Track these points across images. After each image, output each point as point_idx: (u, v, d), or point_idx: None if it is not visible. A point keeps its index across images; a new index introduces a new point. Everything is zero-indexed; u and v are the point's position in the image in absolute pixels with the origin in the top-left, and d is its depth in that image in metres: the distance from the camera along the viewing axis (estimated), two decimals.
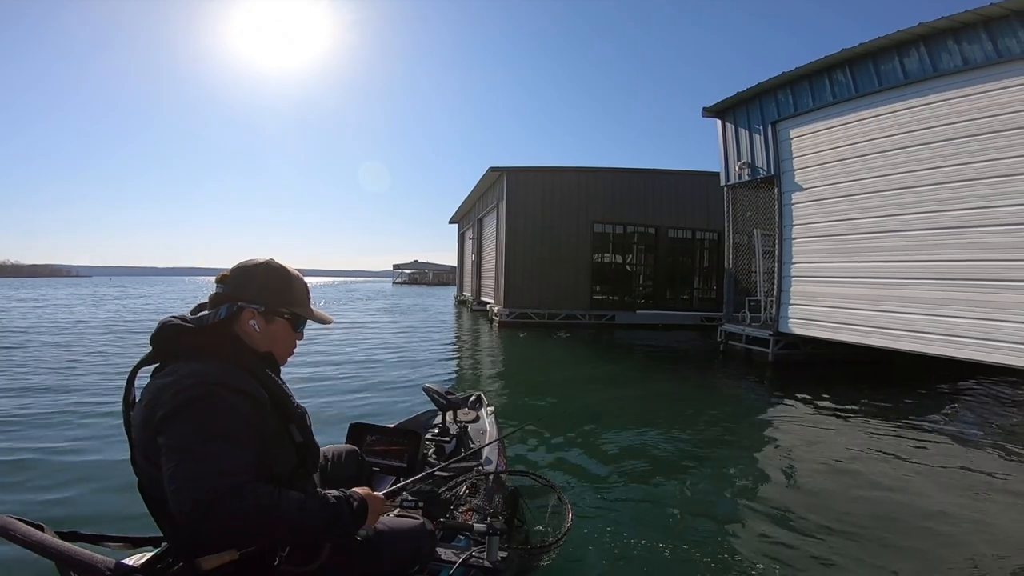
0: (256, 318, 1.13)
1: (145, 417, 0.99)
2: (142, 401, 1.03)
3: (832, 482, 3.50)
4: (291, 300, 1.19)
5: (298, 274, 1.23)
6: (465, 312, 19.33)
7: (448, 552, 1.45)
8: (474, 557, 1.41)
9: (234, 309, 1.11)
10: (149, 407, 0.99)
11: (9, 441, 3.73)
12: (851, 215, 7.41)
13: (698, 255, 17.10)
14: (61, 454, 3.49)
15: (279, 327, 1.17)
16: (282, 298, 1.17)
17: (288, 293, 1.18)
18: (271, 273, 1.18)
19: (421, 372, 6.97)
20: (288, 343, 1.21)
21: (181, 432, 0.93)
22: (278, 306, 1.16)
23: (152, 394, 1.01)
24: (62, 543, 0.92)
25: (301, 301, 1.21)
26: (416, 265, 76.80)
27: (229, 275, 1.17)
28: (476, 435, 2.39)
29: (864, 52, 7.10)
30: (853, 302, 7.39)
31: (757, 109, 8.98)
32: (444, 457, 2.10)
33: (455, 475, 1.88)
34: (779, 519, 2.85)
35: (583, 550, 2.35)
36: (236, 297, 1.13)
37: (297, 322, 1.21)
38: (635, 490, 3.23)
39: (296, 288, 1.20)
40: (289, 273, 1.20)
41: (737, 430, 4.87)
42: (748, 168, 9.32)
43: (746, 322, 9.75)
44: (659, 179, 15.67)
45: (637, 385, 7.13)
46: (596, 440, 4.30)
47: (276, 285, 1.17)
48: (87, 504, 2.77)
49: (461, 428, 2.30)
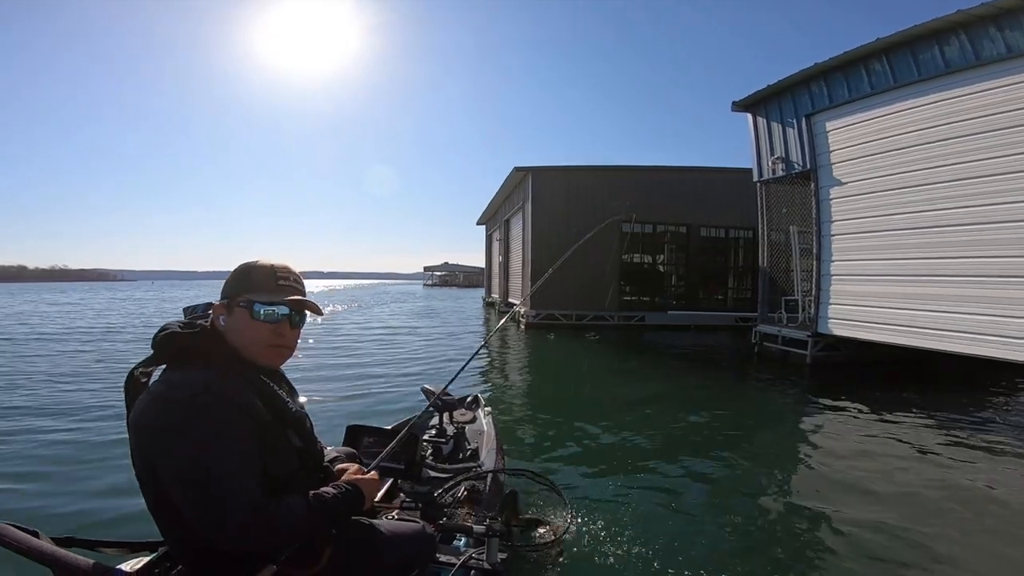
0: (222, 312, 1.11)
1: (139, 423, 0.99)
2: (140, 404, 1.02)
3: (877, 494, 3.24)
4: (246, 286, 1.11)
5: (267, 263, 1.15)
6: (493, 314, 19.42)
7: (448, 554, 1.44)
8: (474, 559, 1.40)
9: (208, 306, 1.14)
10: (144, 415, 0.98)
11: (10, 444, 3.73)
12: (894, 210, 7.03)
13: (732, 254, 16.60)
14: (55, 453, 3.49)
15: (239, 318, 1.09)
16: (240, 285, 1.12)
17: (244, 280, 1.12)
18: (241, 266, 1.16)
19: (437, 374, 7.04)
20: (253, 335, 1.09)
21: (182, 457, 0.92)
22: (236, 295, 1.11)
23: (148, 402, 1.00)
24: (57, 549, 0.91)
25: (259, 287, 1.11)
26: (447, 267, 77.74)
27: None
28: (473, 436, 2.37)
29: (901, 41, 6.74)
30: (897, 301, 7.00)
31: (790, 102, 8.64)
32: (441, 458, 2.08)
33: (454, 476, 1.87)
34: (818, 538, 2.64)
35: (589, 552, 2.27)
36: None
37: (255, 311, 1.10)
38: (652, 495, 3.09)
39: (255, 274, 1.13)
40: (253, 262, 1.15)
41: (772, 435, 4.71)
42: (782, 163, 8.98)
43: (782, 323, 9.39)
44: (689, 176, 15.29)
45: (666, 387, 7.00)
46: (615, 441, 4.23)
47: (235, 275, 1.15)
48: (80, 508, 2.69)
49: (458, 429, 2.28)
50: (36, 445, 3.72)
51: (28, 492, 2.92)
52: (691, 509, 2.91)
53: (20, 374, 6.53)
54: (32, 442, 3.77)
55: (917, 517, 2.86)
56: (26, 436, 3.90)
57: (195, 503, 0.91)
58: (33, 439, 3.86)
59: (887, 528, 2.70)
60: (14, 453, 3.52)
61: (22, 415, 4.53)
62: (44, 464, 3.34)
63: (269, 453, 1.02)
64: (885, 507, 3.01)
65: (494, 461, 2.14)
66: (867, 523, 2.76)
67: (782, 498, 3.19)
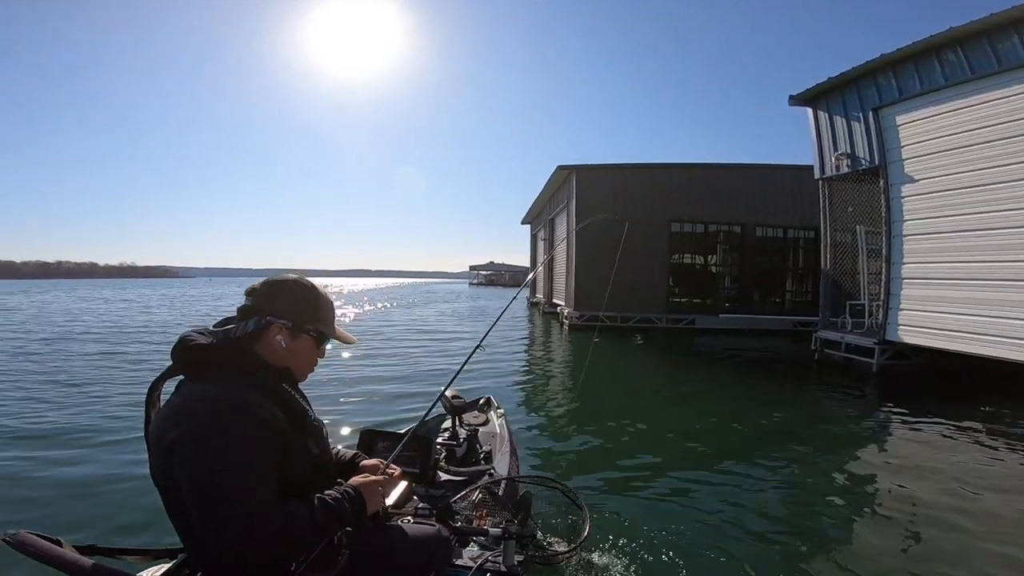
0: (283, 334, 1.13)
1: (157, 435, 1.00)
2: (159, 416, 1.04)
3: (951, 522, 2.91)
4: (318, 318, 1.19)
5: (326, 293, 1.23)
6: (537, 315, 19.43)
7: (463, 557, 1.43)
8: (489, 562, 1.39)
9: (262, 323, 1.11)
10: (162, 427, 1.00)
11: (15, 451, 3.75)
12: (973, 208, 6.44)
13: (791, 255, 15.73)
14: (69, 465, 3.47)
15: (304, 344, 1.17)
16: (310, 315, 1.18)
17: (316, 311, 1.19)
18: (300, 290, 1.19)
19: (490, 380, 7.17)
20: (310, 360, 1.21)
21: (197, 469, 0.93)
22: (305, 323, 1.16)
23: (166, 414, 1.02)
24: (80, 557, 0.93)
25: (327, 319, 1.22)
26: (492, 267, 78.45)
27: (258, 288, 1.17)
28: (486, 438, 2.35)
29: (977, 31, 6.21)
30: (981, 308, 6.40)
31: (854, 95, 8.11)
32: (455, 462, 2.07)
33: (469, 480, 1.88)
34: (883, 567, 2.43)
35: (606, 561, 2.22)
36: (265, 311, 1.13)
37: (321, 340, 1.21)
38: (685, 511, 2.95)
39: (323, 307, 1.21)
40: (318, 291, 1.21)
41: (832, 449, 4.39)
42: (847, 159, 8.45)
43: (846, 328, 8.83)
44: (743, 174, 14.65)
45: (715, 393, 6.77)
46: (653, 450, 4.13)
47: (305, 302, 1.18)
48: (103, 517, 2.73)
49: (471, 432, 2.27)
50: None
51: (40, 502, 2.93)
52: (727, 527, 2.76)
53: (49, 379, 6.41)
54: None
55: (998, 552, 2.60)
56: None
57: (199, 518, 0.92)
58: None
59: (963, 561, 2.49)
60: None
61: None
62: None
63: (287, 461, 1.04)
64: (963, 538, 2.73)
65: (508, 463, 2.12)
66: (941, 557, 2.52)
67: (842, 525, 2.91)
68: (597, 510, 2.69)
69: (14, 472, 3.34)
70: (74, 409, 4.96)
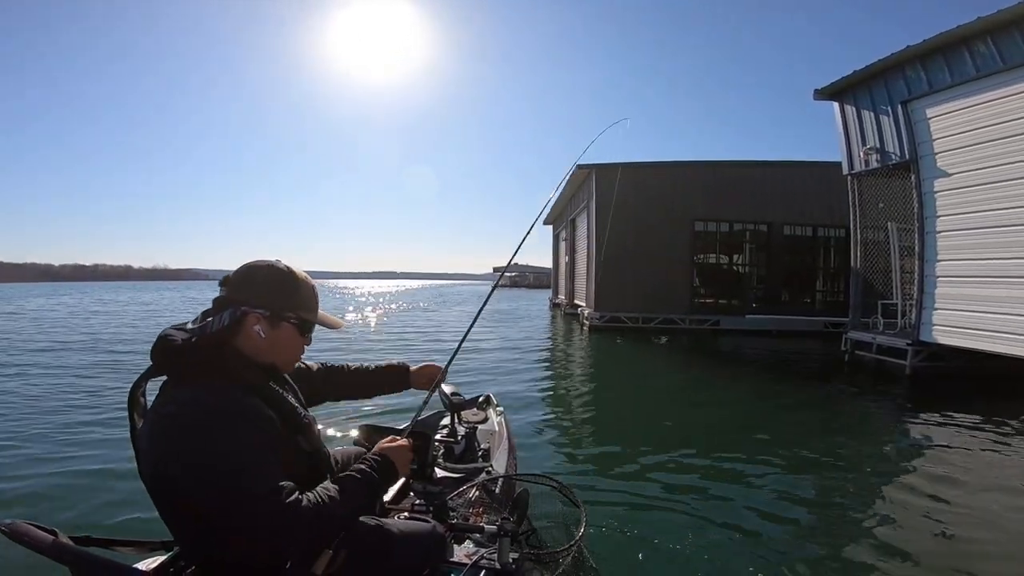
0: (261, 323, 1.07)
1: (155, 444, 0.96)
2: (147, 424, 1.00)
3: (992, 539, 2.71)
4: (298, 303, 1.12)
5: (305, 276, 1.17)
6: (559, 316, 19.36)
7: (459, 554, 1.42)
8: (484, 559, 1.38)
9: (237, 314, 1.04)
10: (160, 438, 0.95)
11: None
12: (1011, 203, 6.12)
13: (821, 254, 15.24)
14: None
15: (285, 333, 1.11)
16: (289, 301, 1.11)
17: (295, 296, 1.12)
18: (276, 275, 1.11)
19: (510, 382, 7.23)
20: (294, 349, 1.15)
21: (214, 482, 0.89)
22: (284, 310, 1.09)
23: (156, 423, 0.97)
24: (76, 547, 0.92)
25: (308, 305, 1.15)
26: (516, 268, 78.44)
27: (231, 277, 1.10)
28: (485, 436, 2.34)
29: (1008, 20, 5.92)
30: (1017, 307, 6.07)
31: (882, 88, 7.82)
32: (453, 459, 2.07)
33: (466, 477, 1.88)
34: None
35: (604, 564, 2.20)
36: (239, 300, 1.06)
37: (304, 327, 1.14)
38: (704, 523, 2.80)
39: (303, 291, 1.14)
40: (296, 275, 1.14)
41: (862, 454, 4.21)
42: (876, 154, 8.15)
43: (877, 329, 8.50)
44: (768, 171, 14.25)
45: (740, 395, 6.64)
46: (673, 454, 4.03)
47: (282, 287, 1.11)
48: (98, 509, 2.78)
49: (469, 429, 2.26)
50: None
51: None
52: (730, 531, 2.70)
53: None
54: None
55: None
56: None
57: (227, 523, 0.90)
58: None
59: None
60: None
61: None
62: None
63: (279, 459, 1.00)
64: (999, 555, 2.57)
65: (506, 462, 2.12)
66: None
67: (867, 537, 2.73)
68: (595, 509, 2.67)
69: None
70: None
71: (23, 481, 3.24)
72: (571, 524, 1.94)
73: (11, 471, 3.42)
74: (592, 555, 2.24)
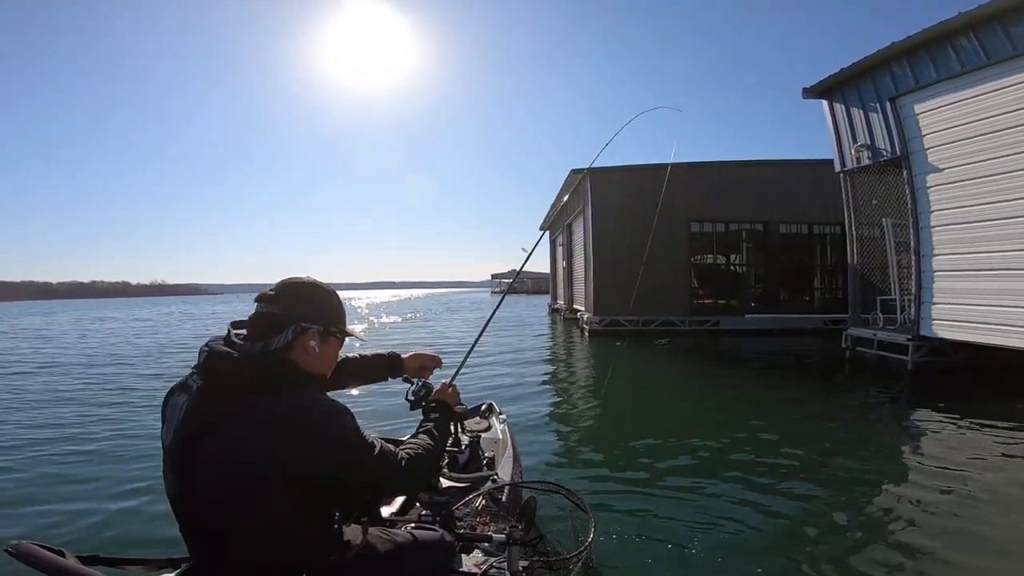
0: (316, 339, 1.12)
1: (258, 445, 0.97)
2: (233, 431, 0.98)
3: (996, 532, 2.70)
4: (340, 319, 1.20)
5: (336, 294, 1.24)
6: (558, 321, 19.33)
7: (468, 564, 1.42)
8: (494, 568, 1.38)
9: (298, 331, 1.08)
10: (259, 438, 0.97)
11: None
12: (1002, 196, 6.16)
13: (817, 251, 15.29)
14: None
15: (332, 347, 1.18)
16: (335, 317, 1.18)
17: (339, 312, 1.20)
18: (322, 293, 1.18)
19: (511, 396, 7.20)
20: (334, 361, 1.23)
21: (346, 453, 1.04)
22: (331, 325, 1.16)
23: (254, 429, 0.98)
24: (84, 568, 0.92)
25: (343, 319, 1.23)
26: (513, 274, 77.96)
27: (277, 294, 1.12)
28: (488, 444, 2.34)
29: (988, 15, 6.00)
30: (1016, 299, 6.09)
31: (870, 85, 7.89)
32: (458, 468, 2.06)
33: (472, 486, 1.88)
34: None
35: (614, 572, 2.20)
36: (298, 317, 1.09)
37: (342, 340, 1.22)
38: (706, 524, 2.79)
39: (341, 307, 1.22)
40: (335, 293, 1.22)
41: (867, 453, 4.16)
42: (867, 151, 8.21)
43: (878, 325, 8.51)
44: (763, 171, 14.32)
45: (744, 395, 6.63)
46: (677, 457, 4.03)
47: (327, 304, 1.17)
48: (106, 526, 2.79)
49: (473, 438, 2.25)
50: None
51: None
52: (741, 534, 2.67)
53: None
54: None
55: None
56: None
57: (370, 474, 1.08)
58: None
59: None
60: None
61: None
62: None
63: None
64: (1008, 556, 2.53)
65: (511, 470, 2.11)
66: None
67: (876, 540, 2.67)
68: (604, 515, 2.66)
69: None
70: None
71: (30, 501, 3.23)
72: (578, 530, 1.93)
73: (16, 491, 3.41)
74: (601, 560, 2.23)
